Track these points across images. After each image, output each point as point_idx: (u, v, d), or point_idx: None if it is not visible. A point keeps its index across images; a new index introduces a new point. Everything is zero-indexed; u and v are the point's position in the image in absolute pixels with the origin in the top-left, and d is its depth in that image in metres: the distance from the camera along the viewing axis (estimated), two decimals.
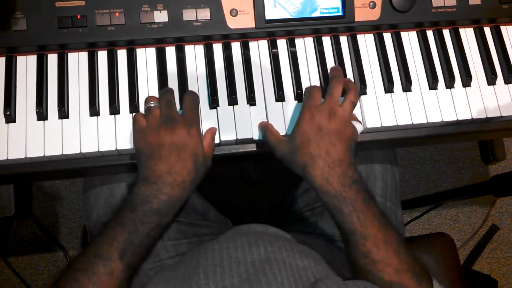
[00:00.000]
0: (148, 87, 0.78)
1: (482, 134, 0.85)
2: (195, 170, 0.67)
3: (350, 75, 0.81)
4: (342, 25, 0.82)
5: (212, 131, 0.74)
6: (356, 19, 0.81)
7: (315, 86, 0.74)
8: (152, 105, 0.70)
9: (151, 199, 0.64)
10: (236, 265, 0.62)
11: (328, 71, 0.80)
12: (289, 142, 0.70)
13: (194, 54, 0.80)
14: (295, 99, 0.79)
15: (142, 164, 0.67)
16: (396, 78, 0.82)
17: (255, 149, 0.78)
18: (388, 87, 0.81)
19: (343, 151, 0.67)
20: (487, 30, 0.86)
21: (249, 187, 1.05)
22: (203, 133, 0.74)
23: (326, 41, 0.83)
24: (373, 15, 0.82)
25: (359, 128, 0.74)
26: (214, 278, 0.59)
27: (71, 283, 0.60)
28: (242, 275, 0.60)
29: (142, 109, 0.76)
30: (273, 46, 0.81)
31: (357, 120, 0.76)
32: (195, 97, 0.72)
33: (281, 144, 0.71)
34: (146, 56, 0.79)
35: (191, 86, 0.78)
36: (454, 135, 0.84)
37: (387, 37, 0.84)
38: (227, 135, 0.76)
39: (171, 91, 0.72)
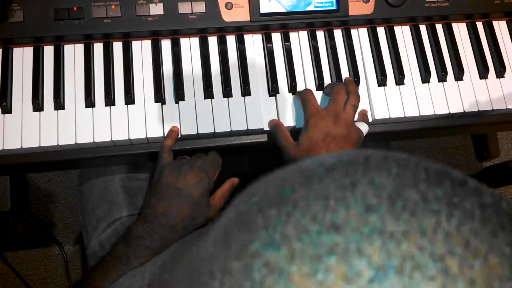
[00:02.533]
0: (144, 79, 0.78)
1: (474, 127, 0.86)
2: (189, 218, 0.70)
3: (343, 68, 0.82)
4: (336, 19, 0.83)
5: (232, 182, 0.78)
6: (350, 13, 0.82)
7: (309, 92, 0.75)
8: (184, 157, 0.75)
9: (144, 236, 0.68)
10: None
11: (322, 64, 0.81)
12: (298, 146, 0.71)
13: (189, 46, 0.81)
14: (289, 92, 0.80)
15: (146, 199, 0.72)
16: (389, 71, 0.83)
17: (248, 141, 0.79)
18: (381, 81, 0.81)
19: None
20: (479, 25, 0.87)
21: (243, 180, 1.06)
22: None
23: (320, 35, 0.84)
24: (367, 9, 0.83)
25: (364, 129, 0.75)
26: None
27: None
28: None
29: (137, 100, 0.77)
30: (267, 39, 0.82)
31: (363, 121, 0.77)
32: (216, 157, 0.75)
33: (291, 147, 0.73)
34: (141, 49, 0.80)
35: (186, 78, 0.79)
36: (447, 128, 0.85)
37: (381, 31, 0.85)
38: (221, 126, 0.77)
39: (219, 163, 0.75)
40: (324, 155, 0.28)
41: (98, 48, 0.79)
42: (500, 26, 0.88)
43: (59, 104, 0.75)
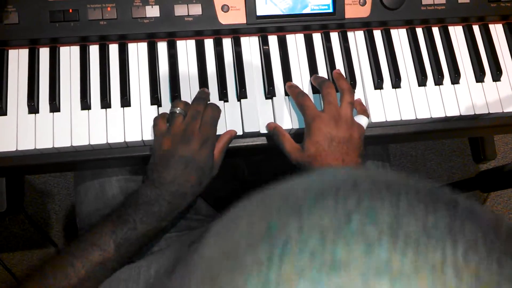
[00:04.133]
0: (140, 81, 0.78)
1: (471, 130, 0.86)
2: (197, 184, 0.69)
3: (340, 71, 0.82)
4: (333, 21, 0.82)
5: (229, 135, 0.75)
6: (346, 16, 0.82)
7: (305, 97, 0.75)
8: (177, 112, 0.71)
9: (152, 202, 0.66)
10: None
11: (318, 66, 0.81)
12: (304, 152, 0.71)
13: (186, 49, 0.81)
14: (285, 95, 0.80)
15: (151, 165, 0.70)
16: (386, 74, 0.83)
17: (245, 144, 0.79)
18: (378, 84, 0.81)
19: (357, 157, 0.71)
20: (475, 28, 0.87)
21: (241, 185, 1.06)
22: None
23: (317, 37, 0.84)
24: (363, 12, 0.83)
25: (364, 122, 0.75)
26: None
27: (66, 267, 0.62)
28: None
29: (133, 102, 0.76)
30: (264, 42, 0.82)
31: (361, 112, 0.77)
32: (215, 111, 0.72)
33: (296, 152, 0.72)
34: (137, 51, 0.80)
35: (182, 81, 0.78)
36: (443, 132, 0.85)
37: (377, 34, 0.85)
38: (218, 129, 0.76)
39: (204, 101, 0.72)
40: (309, 177, 0.27)
41: (94, 50, 0.79)
42: (496, 30, 0.88)
43: (54, 106, 0.75)
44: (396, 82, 0.82)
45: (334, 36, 0.84)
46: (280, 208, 0.24)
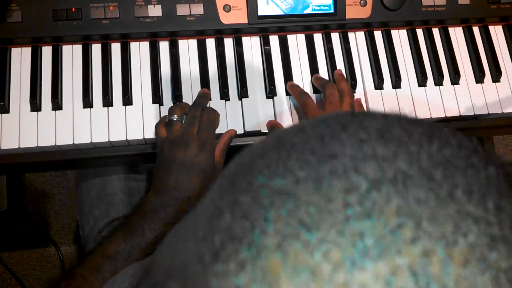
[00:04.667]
0: (141, 80, 0.79)
1: (470, 131, 0.86)
2: (201, 187, 0.70)
3: (341, 70, 0.82)
4: (334, 22, 0.83)
5: (229, 134, 0.75)
6: (347, 17, 0.83)
7: (308, 96, 0.75)
8: (174, 119, 0.72)
9: (158, 209, 0.67)
10: None
11: (319, 67, 0.82)
12: None
13: (188, 48, 0.81)
14: (286, 94, 0.80)
15: (155, 174, 0.71)
16: (386, 75, 0.83)
17: (246, 143, 0.79)
18: (378, 84, 0.82)
19: None
20: (475, 30, 0.88)
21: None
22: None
23: (318, 38, 0.84)
24: (364, 12, 0.83)
25: None
26: None
27: (77, 279, 0.62)
28: None
29: (134, 100, 0.77)
30: (265, 42, 0.83)
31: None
32: (212, 114, 0.73)
33: None
34: (139, 50, 0.80)
35: (184, 80, 0.79)
36: None
37: (378, 35, 0.85)
38: (219, 128, 0.77)
39: (201, 106, 0.73)
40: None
41: (96, 49, 0.79)
42: (496, 31, 0.89)
43: (57, 104, 0.75)
44: (396, 83, 0.82)
45: (335, 37, 0.85)
46: (286, 131, 0.28)
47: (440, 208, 0.22)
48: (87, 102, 0.76)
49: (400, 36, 0.86)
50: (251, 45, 0.83)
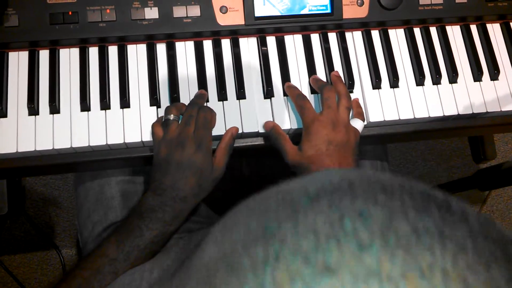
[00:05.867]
0: (139, 83, 0.79)
1: (469, 130, 0.86)
2: (197, 186, 0.70)
3: (338, 71, 0.82)
4: (331, 22, 0.83)
5: (230, 133, 0.75)
6: (344, 16, 0.83)
7: (305, 99, 0.75)
8: (171, 119, 0.72)
9: (156, 209, 0.68)
10: None
11: (316, 67, 0.82)
12: (301, 154, 0.72)
13: (185, 50, 0.81)
14: (284, 95, 0.80)
15: (152, 174, 0.71)
16: (384, 74, 0.83)
17: (244, 144, 0.79)
18: (376, 84, 0.82)
19: (352, 160, 0.72)
20: (473, 28, 0.88)
21: (241, 185, 1.06)
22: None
23: (315, 38, 0.84)
24: (361, 12, 0.83)
25: (360, 126, 0.76)
26: None
27: (77, 280, 0.63)
28: None
29: (132, 103, 0.77)
30: (262, 43, 0.82)
31: (357, 115, 0.77)
32: (209, 114, 0.73)
33: (293, 153, 0.73)
34: (136, 52, 0.80)
35: (181, 82, 0.79)
36: (441, 131, 0.85)
37: (375, 34, 0.85)
38: (217, 130, 0.77)
39: (197, 106, 0.73)
40: (306, 179, 0.27)
41: (93, 52, 0.79)
42: (494, 29, 0.88)
43: (54, 108, 0.75)
44: (394, 82, 0.82)
45: (332, 37, 0.85)
46: (276, 210, 0.25)
47: None
48: (85, 106, 0.76)
49: (397, 36, 0.86)
50: (248, 46, 0.82)
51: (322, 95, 0.75)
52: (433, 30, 0.87)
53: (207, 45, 0.82)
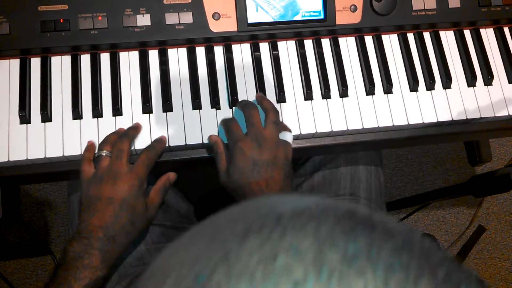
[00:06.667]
0: (131, 90, 0.78)
1: (463, 135, 0.86)
2: (129, 224, 0.67)
3: (332, 77, 0.82)
4: (324, 28, 0.83)
5: (167, 177, 0.74)
6: (337, 22, 0.82)
7: (232, 120, 0.73)
8: (103, 154, 0.70)
9: (82, 255, 0.64)
10: None
11: (310, 73, 0.81)
12: (229, 177, 0.69)
13: (177, 57, 0.81)
14: (277, 102, 0.80)
15: (79, 216, 0.68)
16: (377, 80, 0.83)
17: None
18: (369, 89, 0.81)
19: (282, 178, 0.68)
20: (467, 33, 0.88)
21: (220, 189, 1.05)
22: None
23: (308, 44, 0.84)
24: (354, 18, 0.83)
25: (289, 138, 0.72)
26: None
27: None
28: None
29: (124, 111, 0.77)
30: (255, 49, 0.82)
31: (285, 129, 0.74)
32: (152, 154, 0.71)
33: (224, 175, 0.70)
34: (129, 60, 0.80)
35: (174, 89, 0.79)
36: (436, 137, 0.85)
37: (369, 40, 0.85)
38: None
39: (127, 138, 0.71)
40: (234, 212, 0.27)
41: (85, 60, 0.79)
42: (487, 34, 0.88)
43: (46, 116, 0.75)
44: (388, 88, 0.82)
45: (326, 43, 0.84)
46: (208, 253, 0.25)
47: None
48: (77, 114, 0.75)
49: (391, 41, 0.86)
50: (241, 52, 0.82)
51: (244, 115, 0.72)
52: (426, 36, 0.87)
53: (200, 52, 0.81)
